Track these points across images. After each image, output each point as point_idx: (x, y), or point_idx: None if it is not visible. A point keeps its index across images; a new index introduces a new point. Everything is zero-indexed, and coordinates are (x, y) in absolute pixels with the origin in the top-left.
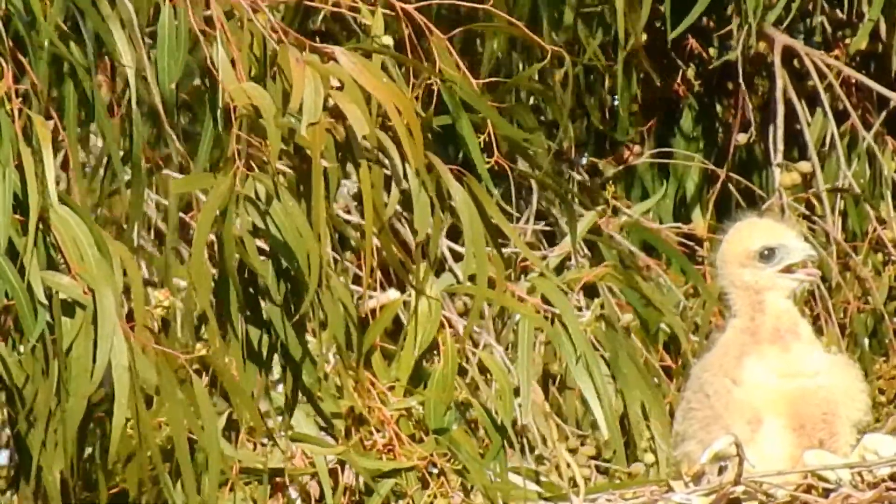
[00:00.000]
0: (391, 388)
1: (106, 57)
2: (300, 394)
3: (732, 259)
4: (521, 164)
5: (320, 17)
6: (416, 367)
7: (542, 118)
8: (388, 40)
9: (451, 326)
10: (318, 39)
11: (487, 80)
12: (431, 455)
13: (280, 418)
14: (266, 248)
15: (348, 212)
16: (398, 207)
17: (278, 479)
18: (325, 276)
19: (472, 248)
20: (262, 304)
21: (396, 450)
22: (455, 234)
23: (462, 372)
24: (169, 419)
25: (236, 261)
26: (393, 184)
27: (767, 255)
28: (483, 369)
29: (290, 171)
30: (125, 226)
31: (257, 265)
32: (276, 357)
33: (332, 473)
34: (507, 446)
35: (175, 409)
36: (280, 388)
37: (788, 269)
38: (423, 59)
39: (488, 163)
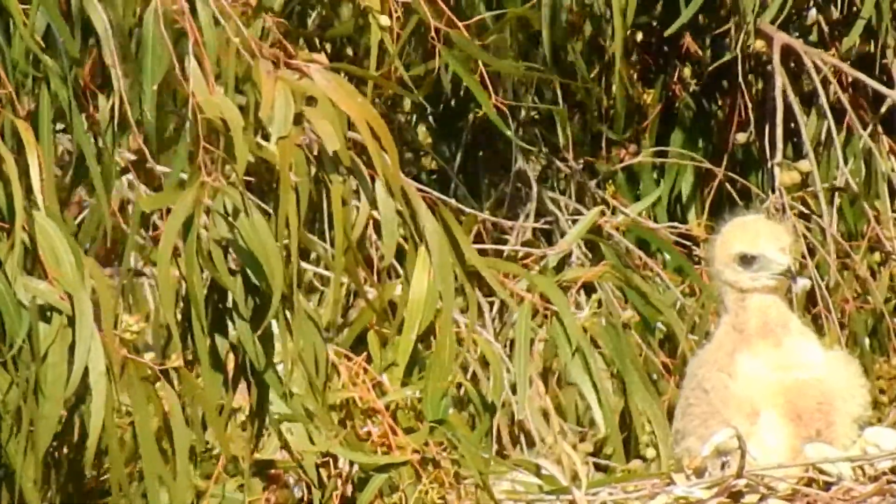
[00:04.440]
0: (387, 370)
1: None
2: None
3: (718, 258)
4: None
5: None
6: (413, 350)
7: (539, 116)
8: (385, 21)
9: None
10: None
11: (472, 21)
12: (426, 444)
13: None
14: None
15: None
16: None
17: (271, 470)
18: (293, 291)
19: (441, 279)
20: (230, 319)
21: (391, 441)
22: None
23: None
24: (138, 431)
25: (205, 275)
26: (362, 203)
27: (746, 260)
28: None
29: (260, 185)
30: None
31: (225, 279)
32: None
33: (325, 465)
34: (495, 429)
35: (144, 421)
36: None
37: None
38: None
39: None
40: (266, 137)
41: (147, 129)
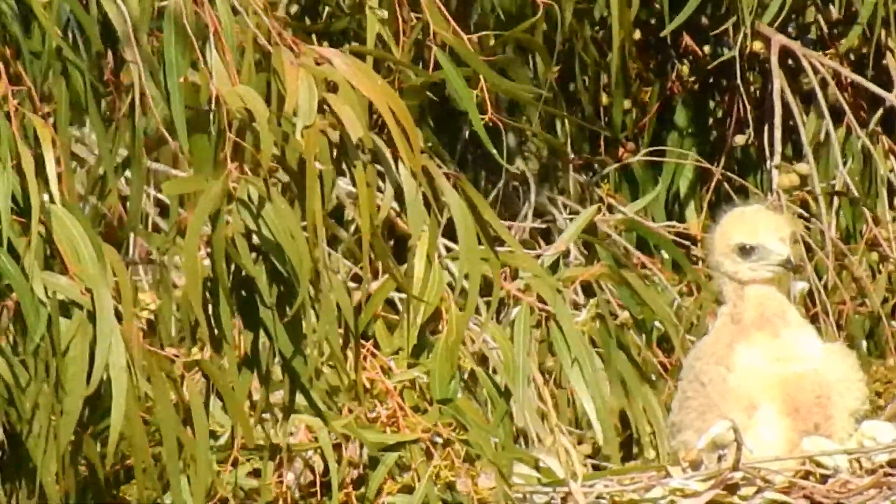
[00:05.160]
0: (394, 355)
1: (109, 55)
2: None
3: (717, 248)
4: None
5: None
6: (419, 337)
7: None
8: (382, 13)
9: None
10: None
11: (478, 34)
12: (436, 425)
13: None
14: (261, 249)
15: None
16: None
17: (282, 454)
18: (319, 278)
19: (467, 252)
20: (257, 306)
21: (400, 422)
22: (449, 230)
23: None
24: (160, 424)
25: (227, 263)
26: (387, 186)
27: (745, 251)
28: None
29: (284, 172)
30: (119, 223)
31: (250, 267)
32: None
33: (336, 448)
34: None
35: (166, 413)
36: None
37: None
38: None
39: (483, 119)
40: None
41: (176, 122)
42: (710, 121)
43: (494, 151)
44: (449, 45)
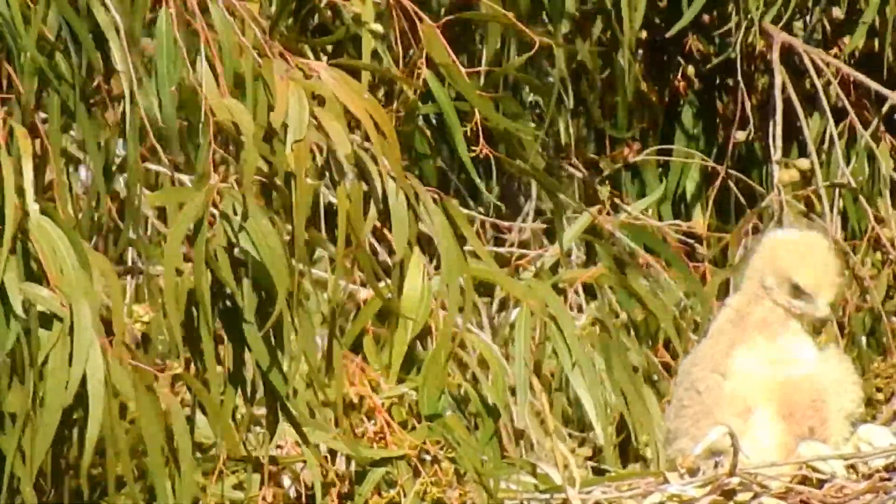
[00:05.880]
0: (384, 370)
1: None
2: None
3: (768, 264)
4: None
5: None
6: (408, 352)
7: (541, 115)
8: (377, 27)
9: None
10: (309, 35)
11: (477, 70)
12: (424, 442)
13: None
14: (243, 262)
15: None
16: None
17: (272, 467)
18: (298, 294)
19: (447, 273)
20: (237, 319)
21: (388, 438)
22: None
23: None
24: (144, 437)
25: (210, 276)
26: (371, 202)
27: (797, 291)
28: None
29: (271, 186)
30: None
31: (229, 281)
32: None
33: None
34: (498, 430)
35: (150, 426)
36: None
37: None
38: (412, 47)
39: (474, 151)
40: (274, 139)
41: (167, 133)
42: (717, 120)
43: (481, 183)
44: (445, 75)
